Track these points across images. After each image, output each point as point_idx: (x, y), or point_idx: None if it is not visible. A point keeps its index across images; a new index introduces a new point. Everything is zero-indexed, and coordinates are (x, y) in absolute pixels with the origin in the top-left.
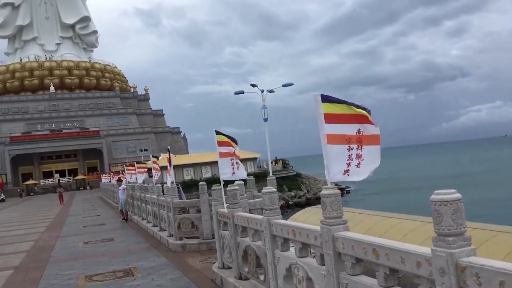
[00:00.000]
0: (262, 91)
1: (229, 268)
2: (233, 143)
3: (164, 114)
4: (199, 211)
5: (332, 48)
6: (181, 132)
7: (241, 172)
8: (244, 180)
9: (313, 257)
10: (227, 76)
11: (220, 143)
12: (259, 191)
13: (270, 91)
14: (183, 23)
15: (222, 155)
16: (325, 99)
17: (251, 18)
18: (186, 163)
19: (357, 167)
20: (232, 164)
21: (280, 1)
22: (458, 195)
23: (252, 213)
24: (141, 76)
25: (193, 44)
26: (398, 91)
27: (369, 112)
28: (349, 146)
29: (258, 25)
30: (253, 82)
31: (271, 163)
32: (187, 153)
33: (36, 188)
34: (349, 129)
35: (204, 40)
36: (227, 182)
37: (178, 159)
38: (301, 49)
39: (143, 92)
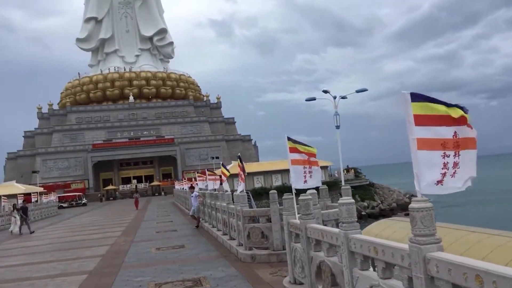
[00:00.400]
0: (335, 98)
1: (301, 284)
2: (308, 148)
3: (235, 122)
4: (269, 220)
5: (407, 53)
6: (252, 139)
7: (315, 180)
8: (317, 189)
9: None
10: (298, 84)
11: (292, 150)
12: (332, 200)
13: (343, 98)
14: (255, 32)
15: (294, 162)
16: (416, 97)
17: (323, 24)
18: (256, 171)
19: (452, 176)
20: (305, 172)
21: (352, 6)
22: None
23: (325, 225)
24: (213, 85)
25: (265, 52)
26: (479, 97)
27: (466, 111)
28: (444, 153)
29: (330, 31)
30: (325, 89)
31: (343, 171)
32: (258, 161)
33: (117, 193)
34: (445, 132)
35: (275, 48)
36: (299, 191)
37: (248, 167)
38: (374, 55)
39: (216, 101)
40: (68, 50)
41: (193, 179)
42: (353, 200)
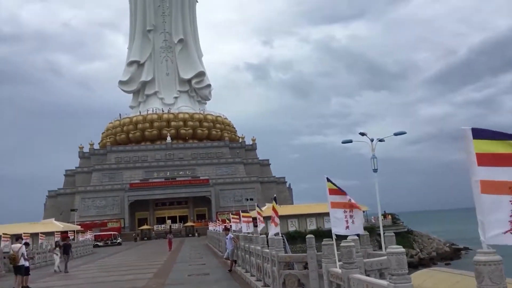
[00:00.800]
0: (372, 140)
1: None
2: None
3: (270, 164)
4: (306, 267)
5: (444, 97)
6: (286, 182)
7: (357, 227)
8: (357, 235)
9: None
10: (333, 127)
11: (332, 192)
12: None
13: (380, 140)
14: (290, 75)
15: (334, 205)
16: (478, 134)
17: (358, 69)
18: (290, 214)
19: None
20: (346, 216)
21: (387, 51)
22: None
23: (368, 275)
24: (249, 127)
25: (300, 95)
26: None
27: None
28: None
29: (365, 75)
30: (362, 131)
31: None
32: (292, 203)
33: (154, 233)
34: None
35: (311, 91)
36: (338, 237)
37: (283, 210)
38: (410, 99)
39: (251, 142)
40: (110, 92)
41: (226, 221)
42: (403, 250)
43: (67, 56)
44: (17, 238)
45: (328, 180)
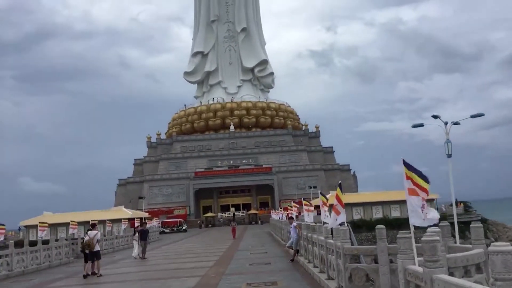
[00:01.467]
0: (446, 124)
1: None
2: (421, 181)
3: (334, 151)
4: (375, 260)
5: None
6: (350, 169)
7: (433, 216)
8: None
9: None
10: (399, 113)
11: (409, 178)
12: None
13: (456, 123)
14: (355, 61)
15: (411, 192)
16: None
17: (427, 51)
18: (355, 202)
19: None
20: (423, 206)
21: (460, 32)
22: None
23: (452, 273)
24: (312, 114)
25: (365, 81)
26: None
27: None
28: None
29: (436, 57)
30: (435, 114)
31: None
32: (357, 191)
33: (221, 219)
34: None
35: (376, 76)
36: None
37: (347, 198)
38: (484, 81)
39: (314, 130)
40: (176, 84)
41: (288, 208)
42: (511, 247)
43: (136, 50)
44: (92, 225)
45: (405, 164)
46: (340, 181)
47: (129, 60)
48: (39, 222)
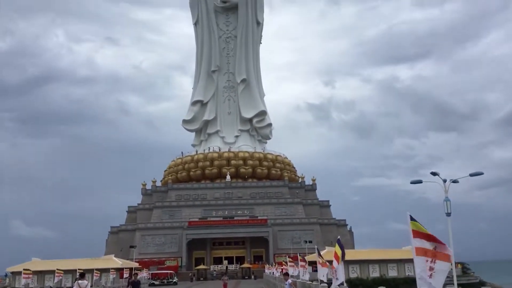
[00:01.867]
0: (445, 181)
1: None
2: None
3: (330, 205)
4: None
5: None
6: (347, 225)
7: (438, 281)
8: None
9: None
10: (396, 169)
11: (416, 234)
12: None
13: (454, 181)
14: (352, 115)
15: (419, 251)
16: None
17: (424, 109)
18: (352, 259)
19: None
20: (430, 268)
21: (456, 91)
22: None
23: None
24: (309, 167)
25: (362, 136)
26: None
27: None
28: None
29: (432, 115)
30: (433, 171)
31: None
32: (353, 248)
33: (214, 272)
34: None
35: (373, 131)
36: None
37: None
38: (480, 141)
39: (311, 182)
40: (174, 131)
41: (283, 263)
42: None
43: (137, 97)
44: (81, 275)
45: (412, 218)
46: (339, 237)
47: (129, 107)
48: (23, 269)
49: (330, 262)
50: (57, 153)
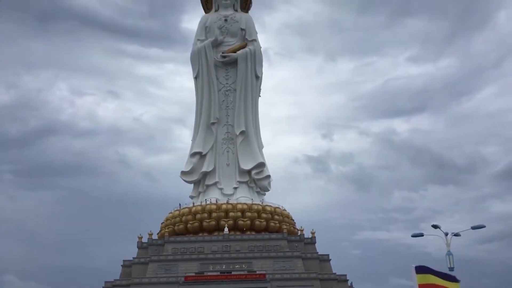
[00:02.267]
0: (446, 234)
1: None
2: (446, 282)
3: (330, 259)
4: None
5: None
6: (348, 280)
7: None
8: None
9: None
10: (395, 222)
11: (423, 287)
12: None
13: (456, 235)
14: (350, 168)
15: None
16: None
17: (421, 162)
18: None
19: None
20: None
21: (453, 145)
22: None
23: None
24: (308, 219)
25: (360, 188)
26: None
27: None
28: None
29: (430, 168)
30: (435, 223)
31: None
32: None
33: None
34: None
35: (371, 184)
36: None
37: None
38: (479, 194)
39: (310, 235)
40: (172, 183)
41: None
42: None
43: (136, 149)
44: None
45: (419, 271)
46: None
47: (128, 159)
48: None
49: None
50: (53, 206)
